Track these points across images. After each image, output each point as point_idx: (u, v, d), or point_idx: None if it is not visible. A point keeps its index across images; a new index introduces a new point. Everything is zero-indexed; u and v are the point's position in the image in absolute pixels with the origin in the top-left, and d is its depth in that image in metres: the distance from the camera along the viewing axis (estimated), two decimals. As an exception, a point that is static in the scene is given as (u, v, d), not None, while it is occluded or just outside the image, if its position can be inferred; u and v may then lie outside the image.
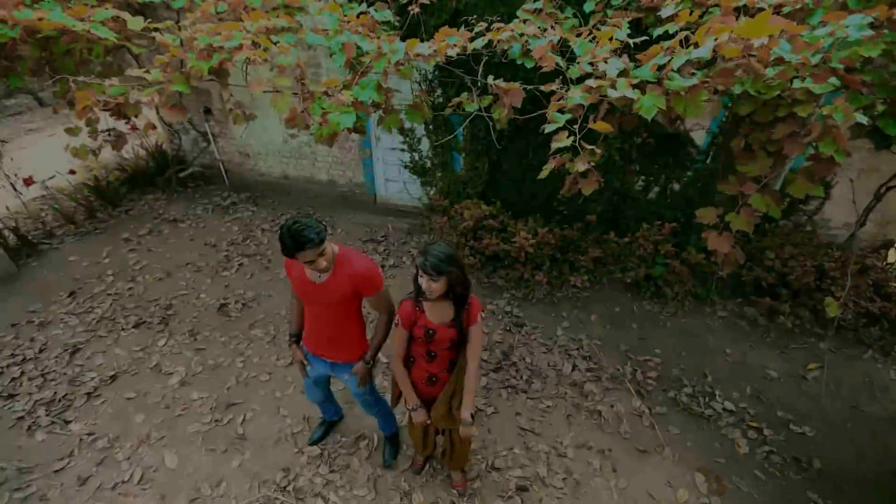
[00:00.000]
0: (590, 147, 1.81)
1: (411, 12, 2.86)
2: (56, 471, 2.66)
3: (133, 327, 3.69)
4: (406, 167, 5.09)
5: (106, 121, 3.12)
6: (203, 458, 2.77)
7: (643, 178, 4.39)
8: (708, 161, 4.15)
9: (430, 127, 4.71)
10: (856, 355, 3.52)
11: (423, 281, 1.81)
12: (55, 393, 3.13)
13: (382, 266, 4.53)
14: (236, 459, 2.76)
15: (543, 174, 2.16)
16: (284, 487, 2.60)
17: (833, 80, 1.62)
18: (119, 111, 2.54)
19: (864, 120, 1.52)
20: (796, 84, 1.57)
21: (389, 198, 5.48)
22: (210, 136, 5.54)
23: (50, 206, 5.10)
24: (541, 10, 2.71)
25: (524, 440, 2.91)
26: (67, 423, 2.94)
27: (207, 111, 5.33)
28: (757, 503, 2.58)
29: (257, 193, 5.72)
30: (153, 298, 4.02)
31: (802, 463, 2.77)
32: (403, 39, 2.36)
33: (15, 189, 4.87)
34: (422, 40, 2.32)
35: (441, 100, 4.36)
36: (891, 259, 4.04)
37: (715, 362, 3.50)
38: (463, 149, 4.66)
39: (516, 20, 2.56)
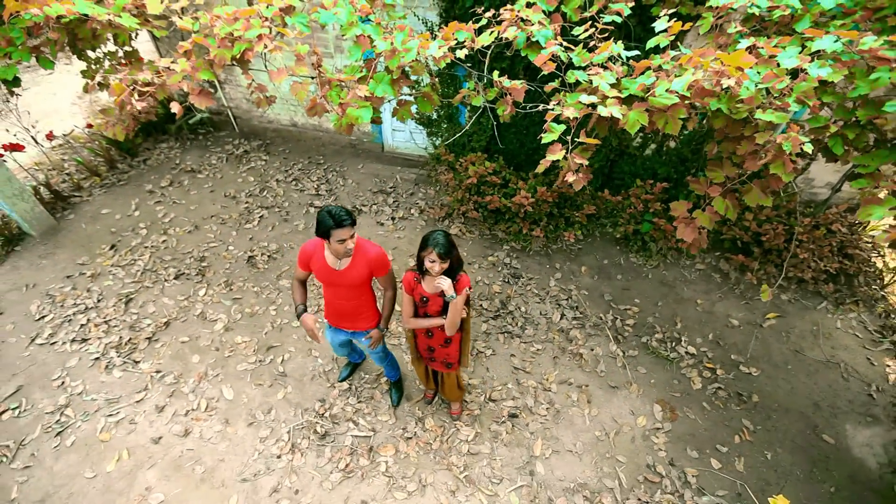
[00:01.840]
0: (578, 162, 2.08)
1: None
2: (137, 401, 3.30)
3: (174, 278, 4.17)
4: (412, 118, 5.20)
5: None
6: (253, 391, 3.39)
7: (641, 135, 4.55)
8: (704, 122, 4.29)
9: (437, 81, 4.75)
10: (811, 306, 4.01)
11: (435, 265, 2.20)
12: (120, 337, 3.69)
13: (392, 218, 4.88)
14: (280, 392, 3.38)
15: (539, 170, 2.44)
16: (322, 414, 3.25)
17: (794, 106, 1.86)
18: (151, 94, 2.75)
19: (809, 149, 1.79)
20: (758, 115, 1.81)
21: (396, 147, 5.65)
22: (217, 83, 5.55)
23: (70, 156, 5.32)
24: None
25: (517, 377, 3.51)
26: (137, 363, 3.54)
27: (211, 59, 5.30)
28: (700, 427, 3.23)
29: (268, 141, 5.88)
30: (186, 251, 4.45)
31: (743, 397, 3.38)
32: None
33: (36, 142, 5.06)
34: None
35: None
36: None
37: (686, 311, 4.01)
38: (468, 103, 4.74)
39: (521, 2, 2.63)
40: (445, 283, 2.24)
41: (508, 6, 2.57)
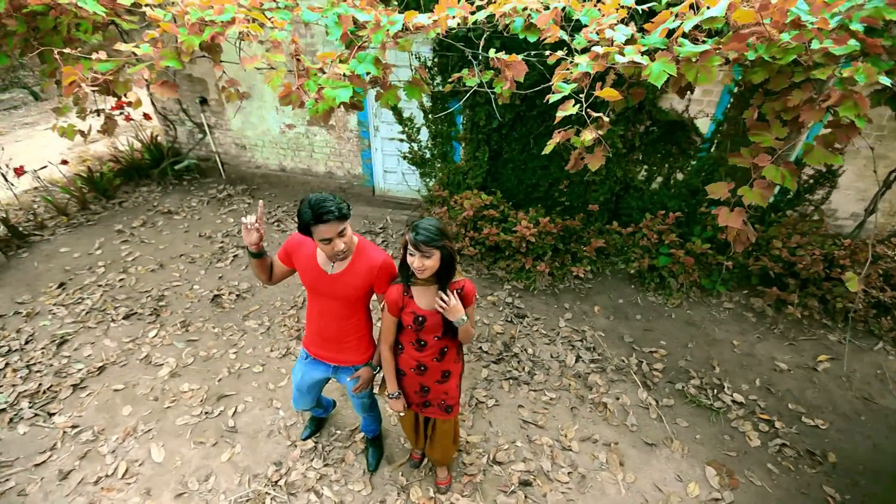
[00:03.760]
0: (597, 115, 1.71)
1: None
2: (37, 465, 2.55)
3: (123, 318, 3.59)
4: (405, 158, 5.00)
5: (97, 103, 3.03)
6: (191, 451, 2.65)
7: (646, 167, 4.30)
8: (712, 150, 4.06)
9: (430, 116, 4.63)
10: (867, 347, 3.41)
11: (415, 259, 1.68)
12: (40, 385, 3.01)
13: (380, 258, 4.43)
14: (226, 453, 2.64)
15: (547, 149, 2.07)
16: (276, 482, 2.49)
17: (853, 42, 1.53)
18: (108, 89, 2.45)
19: (888, 81, 1.43)
20: (815, 45, 1.47)
21: (388, 189, 5.38)
22: (206, 128, 5.45)
23: (42, 197, 5.00)
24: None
25: (527, 433, 2.80)
26: (51, 415, 2.83)
27: (203, 101, 5.25)
28: (771, 498, 2.47)
29: (254, 186, 5.63)
30: (145, 290, 3.91)
31: (816, 456, 2.66)
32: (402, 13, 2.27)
33: (6, 180, 4.77)
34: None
35: (439, 81, 4.29)
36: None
37: (722, 354, 3.39)
38: (463, 138, 4.57)
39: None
40: (451, 303, 1.74)
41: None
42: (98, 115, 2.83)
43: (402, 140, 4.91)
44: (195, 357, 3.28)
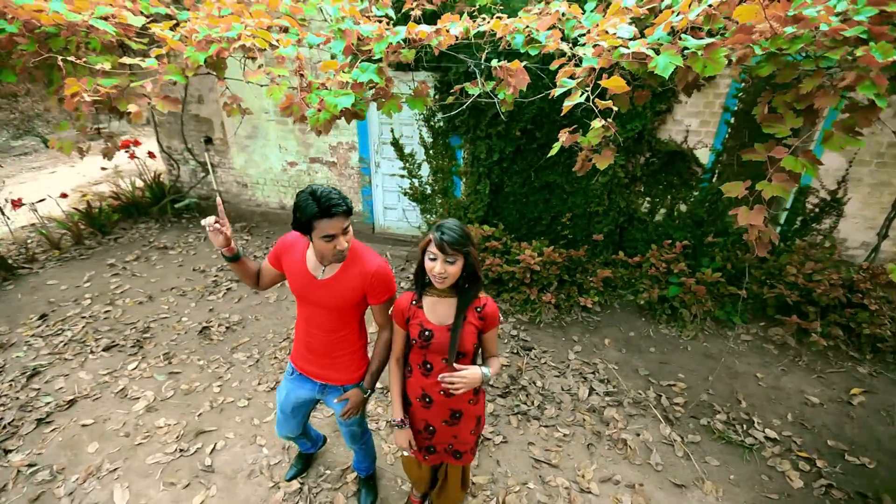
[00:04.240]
0: (605, 103, 1.67)
1: (412, 17, 2.88)
2: (-18, 508, 2.23)
3: (103, 350, 3.36)
4: (405, 194, 5.00)
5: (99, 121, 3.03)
6: (160, 493, 2.34)
7: (648, 198, 4.28)
8: (714, 179, 4.06)
9: (431, 152, 4.69)
10: (902, 379, 3.17)
11: (437, 263, 1.49)
12: (1, 419, 2.74)
13: (379, 291, 4.26)
14: (199, 495, 2.33)
15: (553, 151, 2.01)
16: (254, 528, 2.17)
17: (860, 27, 1.52)
18: (111, 105, 2.45)
19: (905, 56, 1.39)
20: (823, 27, 1.45)
21: (388, 226, 5.33)
22: (210, 167, 5.51)
23: (37, 231, 4.93)
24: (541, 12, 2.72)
25: (539, 473, 2.49)
26: (7, 452, 2.53)
27: (208, 141, 5.35)
28: (823, 548, 2.14)
29: (252, 223, 5.59)
30: (130, 322, 3.71)
31: (869, 499, 2.35)
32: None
33: (3, 213, 4.72)
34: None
35: (440, 118, 4.37)
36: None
37: (747, 387, 3.14)
38: (464, 172, 4.59)
39: (519, 17, 2.55)
40: (459, 382, 1.55)
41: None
42: (98, 133, 2.83)
43: (402, 176, 4.94)
44: (175, 390, 3.02)
